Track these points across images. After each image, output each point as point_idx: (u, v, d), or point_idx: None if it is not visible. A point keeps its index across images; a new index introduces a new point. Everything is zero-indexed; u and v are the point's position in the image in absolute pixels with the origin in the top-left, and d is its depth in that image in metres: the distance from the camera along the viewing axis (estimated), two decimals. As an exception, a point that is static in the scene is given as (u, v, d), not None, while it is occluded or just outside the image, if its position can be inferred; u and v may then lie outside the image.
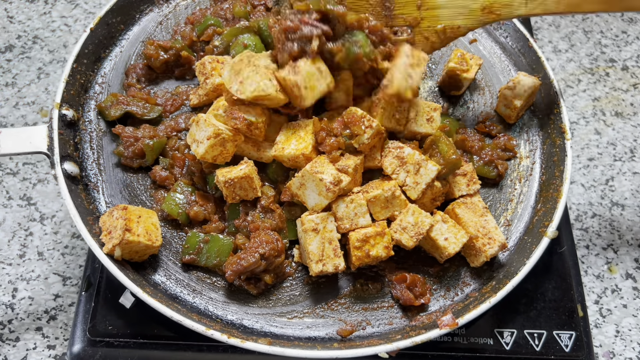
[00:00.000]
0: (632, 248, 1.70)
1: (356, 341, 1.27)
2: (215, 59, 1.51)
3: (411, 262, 1.40)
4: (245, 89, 1.31)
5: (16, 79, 1.92)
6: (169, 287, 1.33)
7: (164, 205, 1.39)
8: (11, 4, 2.11)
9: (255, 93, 1.30)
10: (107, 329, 1.35)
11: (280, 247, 1.30)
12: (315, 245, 1.28)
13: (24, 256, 1.60)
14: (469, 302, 1.31)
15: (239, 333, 1.24)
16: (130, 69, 1.61)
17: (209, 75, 1.49)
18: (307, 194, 1.31)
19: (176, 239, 1.40)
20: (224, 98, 1.41)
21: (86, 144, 1.48)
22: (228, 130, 1.33)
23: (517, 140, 1.59)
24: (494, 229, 1.35)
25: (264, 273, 1.30)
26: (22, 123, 1.83)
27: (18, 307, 1.53)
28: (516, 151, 1.56)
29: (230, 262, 1.28)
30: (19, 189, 1.71)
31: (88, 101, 1.54)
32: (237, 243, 1.34)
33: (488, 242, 1.33)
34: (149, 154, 1.44)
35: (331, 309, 1.33)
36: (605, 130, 1.92)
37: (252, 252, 1.26)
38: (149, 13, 1.71)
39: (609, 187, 1.81)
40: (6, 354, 1.47)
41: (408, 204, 1.33)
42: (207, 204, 1.39)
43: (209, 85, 1.48)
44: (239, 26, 1.59)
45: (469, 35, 1.75)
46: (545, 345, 1.38)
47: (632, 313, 1.59)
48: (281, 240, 1.32)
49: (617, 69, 2.07)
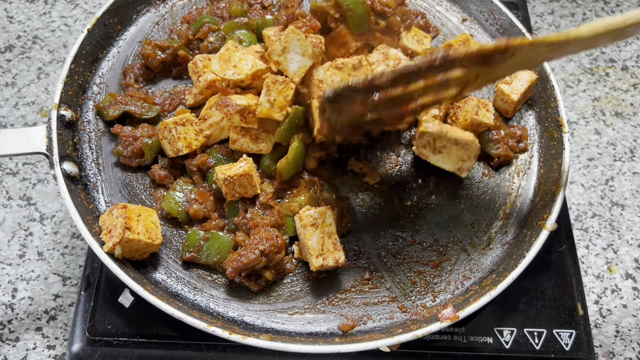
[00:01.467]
0: (632, 248, 1.70)
1: (357, 336, 1.27)
2: (206, 57, 1.51)
3: (412, 255, 1.40)
4: (242, 70, 1.35)
5: (16, 79, 1.92)
6: (169, 285, 1.33)
7: (164, 204, 1.39)
8: (11, 4, 2.11)
9: (254, 69, 1.35)
10: (107, 328, 1.35)
11: (280, 243, 1.30)
12: (314, 240, 1.28)
13: (23, 256, 1.60)
14: (469, 295, 1.31)
15: (241, 329, 1.24)
16: (127, 69, 1.61)
17: (201, 73, 1.49)
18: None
19: (176, 237, 1.40)
20: (218, 95, 1.42)
21: (85, 144, 1.48)
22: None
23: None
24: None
25: (265, 269, 1.30)
26: (22, 123, 1.83)
27: (18, 307, 1.53)
28: (528, 144, 1.57)
29: (231, 260, 1.28)
30: (19, 189, 1.71)
31: (86, 101, 1.54)
32: (237, 240, 1.34)
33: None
34: (147, 153, 1.44)
35: (332, 304, 1.33)
36: (605, 130, 1.92)
37: (252, 249, 1.26)
38: (146, 13, 1.72)
39: (609, 187, 1.81)
40: (6, 354, 1.46)
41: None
42: (207, 202, 1.40)
43: (202, 82, 1.49)
44: (238, 21, 1.60)
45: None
46: (545, 343, 1.38)
47: (632, 313, 1.59)
48: (281, 236, 1.32)
49: (617, 69, 2.07)
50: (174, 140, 1.40)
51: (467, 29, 1.78)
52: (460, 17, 1.80)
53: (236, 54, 1.38)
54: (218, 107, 1.37)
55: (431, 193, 1.50)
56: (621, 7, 2.24)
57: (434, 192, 1.50)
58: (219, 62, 1.38)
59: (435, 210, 1.48)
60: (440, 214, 1.48)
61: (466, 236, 1.45)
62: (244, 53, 1.39)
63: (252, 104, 1.36)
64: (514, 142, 1.56)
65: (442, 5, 1.82)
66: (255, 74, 1.37)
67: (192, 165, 1.43)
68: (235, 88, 1.40)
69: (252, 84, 1.41)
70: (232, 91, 1.39)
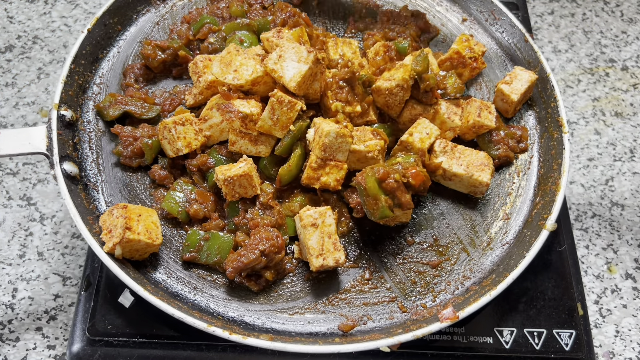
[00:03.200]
0: (632, 248, 1.70)
1: (357, 336, 1.27)
2: (207, 57, 1.51)
3: (412, 255, 1.40)
4: (242, 75, 1.34)
5: (16, 79, 1.92)
6: (169, 285, 1.33)
7: (164, 204, 1.39)
8: (11, 4, 2.11)
9: (254, 75, 1.35)
10: (107, 328, 1.35)
11: (280, 243, 1.30)
12: (314, 240, 1.29)
13: (24, 256, 1.60)
14: (469, 296, 1.31)
15: (241, 329, 1.24)
16: (128, 69, 1.61)
17: (201, 74, 1.49)
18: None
19: (176, 237, 1.40)
20: (218, 95, 1.42)
21: (85, 144, 1.48)
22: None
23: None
24: None
25: (265, 269, 1.30)
26: (22, 123, 1.83)
27: (18, 307, 1.53)
28: (528, 144, 1.57)
29: (231, 259, 1.28)
30: (19, 189, 1.71)
31: (86, 101, 1.54)
32: (238, 240, 1.34)
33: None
34: (147, 153, 1.44)
35: (332, 305, 1.33)
36: (605, 131, 1.92)
37: (252, 249, 1.26)
38: (146, 13, 1.71)
39: (609, 187, 1.81)
40: (6, 354, 1.46)
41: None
42: (207, 202, 1.40)
43: (202, 82, 1.48)
44: (239, 22, 1.60)
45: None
46: (545, 344, 1.38)
47: (632, 313, 1.59)
48: (281, 236, 1.32)
49: (616, 69, 2.08)
50: (173, 140, 1.40)
51: (467, 29, 1.78)
52: (460, 17, 1.80)
53: (237, 58, 1.38)
54: (220, 111, 1.37)
55: (431, 193, 1.50)
56: (621, 8, 2.24)
57: (434, 192, 1.50)
58: (220, 65, 1.38)
59: (436, 210, 1.48)
60: (441, 214, 1.48)
61: (466, 236, 1.45)
62: (245, 57, 1.38)
63: (255, 113, 1.36)
64: (514, 142, 1.56)
65: (442, 6, 1.82)
66: (255, 80, 1.36)
67: (192, 165, 1.43)
68: (238, 92, 1.40)
69: (252, 89, 1.41)
70: (235, 95, 1.38)
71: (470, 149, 1.46)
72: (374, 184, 1.28)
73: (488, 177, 1.42)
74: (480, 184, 1.43)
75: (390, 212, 1.29)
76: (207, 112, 1.44)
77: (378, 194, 1.28)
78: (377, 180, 1.28)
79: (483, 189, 1.45)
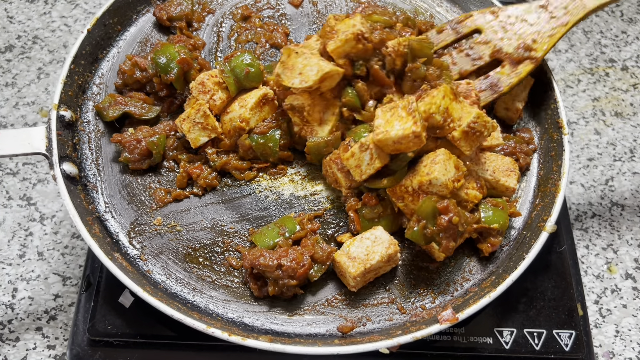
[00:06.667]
0: (632, 248, 1.70)
1: (357, 337, 1.27)
2: (213, 74, 1.49)
3: (411, 259, 1.40)
4: (309, 77, 1.35)
5: (16, 79, 1.92)
6: (169, 286, 1.33)
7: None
8: (11, 4, 2.11)
9: (319, 74, 1.35)
10: (107, 328, 1.35)
11: (298, 273, 1.27)
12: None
13: (23, 256, 1.60)
14: (468, 297, 1.31)
15: (240, 331, 1.24)
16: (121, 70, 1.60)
17: (214, 92, 1.47)
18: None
19: (174, 241, 1.40)
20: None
21: (84, 145, 1.48)
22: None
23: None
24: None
25: (272, 282, 1.29)
26: (22, 123, 1.83)
27: (18, 307, 1.53)
28: (536, 144, 1.56)
29: (253, 252, 1.28)
30: (19, 189, 1.71)
31: (86, 102, 1.54)
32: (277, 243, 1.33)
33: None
34: (155, 151, 1.44)
35: (331, 306, 1.33)
36: (605, 131, 1.92)
37: (276, 258, 1.26)
38: (146, 14, 1.71)
39: (609, 187, 1.81)
40: (6, 354, 1.47)
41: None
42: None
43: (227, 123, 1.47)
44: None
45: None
46: (545, 344, 1.38)
47: (632, 313, 1.59)
48: (306, 269, 1.28)
49: (616, 69, 2.07)
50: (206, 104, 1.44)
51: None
52: (461, 17, 1.80)
53: (300, 62, 1.37)
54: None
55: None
56: (621, 8, 2.24)
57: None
58: (284, 70, 1.37)
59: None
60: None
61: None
62: (306, 59, 1.37)
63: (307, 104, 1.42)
64: (526, 146, 1.54)
65: (442, 7, 1.81)
66: (322, 78, 1.36)
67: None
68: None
69: (320, 87, 1.40)
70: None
71: (495, 154, 1.44)
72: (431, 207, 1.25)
73: (515, 182, 1.41)
74: (507, 189, 1.41)
75: (421, 238, 1.27)
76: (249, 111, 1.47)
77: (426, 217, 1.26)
78: (435, 208, 1.25)
79: (510, 194, 1.43)
